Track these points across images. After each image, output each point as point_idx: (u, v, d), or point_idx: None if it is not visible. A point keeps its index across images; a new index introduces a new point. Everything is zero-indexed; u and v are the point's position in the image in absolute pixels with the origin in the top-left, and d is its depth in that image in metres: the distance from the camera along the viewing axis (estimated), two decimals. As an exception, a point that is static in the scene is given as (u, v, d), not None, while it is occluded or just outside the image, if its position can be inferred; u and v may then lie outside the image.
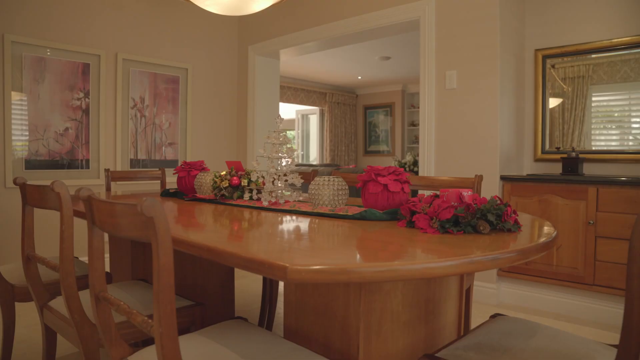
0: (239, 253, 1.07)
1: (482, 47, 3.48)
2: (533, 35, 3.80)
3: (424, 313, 1.62)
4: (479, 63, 3.51)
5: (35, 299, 1.86)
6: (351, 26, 4.30)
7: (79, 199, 1.30)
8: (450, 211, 1.44)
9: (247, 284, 3.99)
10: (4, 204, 3.91)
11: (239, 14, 2.68)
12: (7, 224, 3.91)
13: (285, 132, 2.06)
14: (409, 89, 10.65)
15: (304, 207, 1.92)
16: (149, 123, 4.79)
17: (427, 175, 3.53)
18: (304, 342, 1.55)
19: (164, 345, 1.00)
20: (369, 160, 11.13)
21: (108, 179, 3.30)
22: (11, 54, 3.91)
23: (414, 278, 1.06)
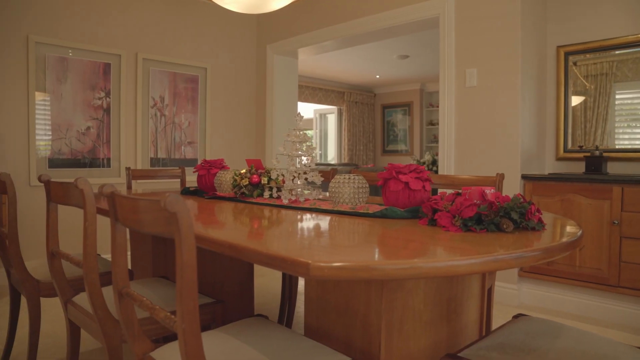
0: (261, 250, 1.07)
1: (503, 44, 3.44)
2: (555, 31, 3.74)
3: (446, 312, 1.60)
4: (500, 60, 3.46)
5: (59, 295, 1.89)
6: (369, 24, 4.29)
7: (102, 195, 1.31)
8: (473, 209, 1.43)
9: (265, 282, 4.01)
10: (28, 202, 3.98)
11: (258, 12, 2.68)
12: (32, 221, 3.98)
13: (305, 130, 2.06)
14: (428, 88, 10.58)
15: (324, 205, 1.92)
16: (169, 122, 4.84)
17: (447, 174, 3.50)
18: (325, 340, 1.55)
19: (187, 341, 1.01)
20: (387, 160, 11.08)
21: (129, 177, 3.33)
22: (35, 54, 3.98)
23: (437, 276, 1.05)
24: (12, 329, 2.39)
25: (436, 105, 10.46)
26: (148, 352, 1.35)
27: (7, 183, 2.10)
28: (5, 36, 3.85)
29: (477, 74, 3.60)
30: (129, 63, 4.55)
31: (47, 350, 2.56)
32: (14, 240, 2.14)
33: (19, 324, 2.50)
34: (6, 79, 3.86)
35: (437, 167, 7.81)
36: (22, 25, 3.93)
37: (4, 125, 3.86)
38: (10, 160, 3.90)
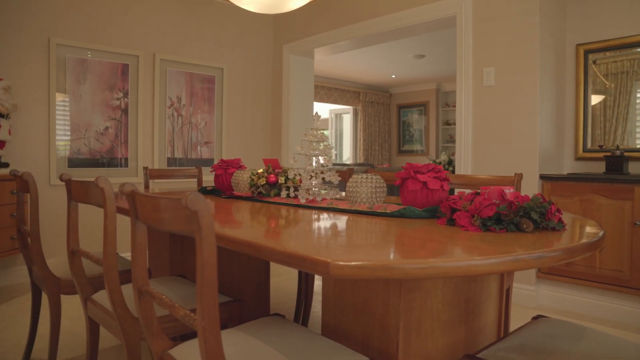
0: (281, 248, 1.07)
1: (521, 42, 3.40)
2: (574, 29, 3.69)
3: (464, 312, 1.59)
4: (518, 59, 3.43)
5: (79, 292, 1.91)
6: (385, 24, 4.27)
7: (123, 194, 1.32)
8: (492, 209, 1.41)
9: (281, 282, 4.01)
10: (49, 201, 4.04)
11: (276, 12, 2.69)
12: (52, 219, 4.05)
13: (322, 130, 2.06)
14: (444, 88, 10.51)
15: (342, 204, 1.92)
16: (186, 122, 4.88)
17: (465, 174, 3.47)
18: (342, 339, 1.55)
19: (206, 339, 1.01)
20: (403, 160, 11.03)
21: (146, 177, 3.37)
22: (56, 56, 4.04)
23: (457, 275, 1.05)
24: (34, 325, 2.43)
25: (452, 105, 10.39)
26: (167, 349, 1.36)
27: (30, 182, 2.13)
28: (28, 39, 3.91)
29: (494, 73, 3.57)
30: (146, 64, 4.59)
31: (67, 346, 2.59)
32: (35, 239, 2.17)
33: (40, 321, 2.54)
34: (29, 81, 3.93)
35: (453, 167, 7.75)
36: (44, 27, 3.99)
37: (26, 126, 3.93)
38: (32, 160, 3.97)
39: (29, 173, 2.16)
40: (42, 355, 2.49)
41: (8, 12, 3.82)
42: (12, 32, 3.85)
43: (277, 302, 3.43)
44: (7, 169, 3.63)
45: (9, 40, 3.83)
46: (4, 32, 3.80)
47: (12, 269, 3.90)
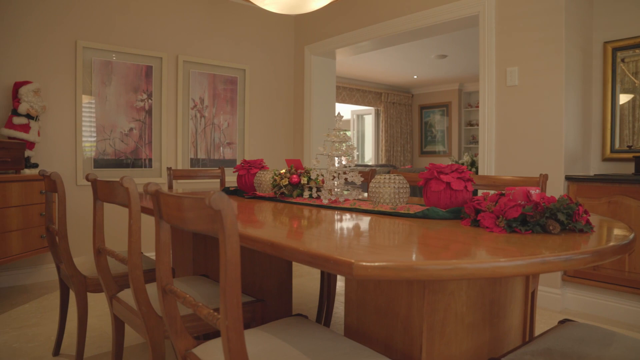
0: (304, 249, 1.07)
1: (546, 41, 3.34)
2: (602, 26, 3.61)
3: (489, 315, 1.56)
4: (543, 58, 3.37)
5: (105, 290, 1.94)
6: (407, 24, 4.25)
7: (147, 193, 1.34)
8: (517, 210, 1.39)
9: (303, 282, 4.02)
10: (76, 201, 4.12)
11: (297, 13, 2.69)
12: (79, 219, 4.12)
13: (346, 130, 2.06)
14: (466, 88, 10.41)
15: (365, 205, 1.91)
16: (208, 123, 4.92)
17: (488, 175, 3.43)
18: (365, 341, 1.54)
19: (230, 338, 1.02)
20: (425, 161, 10.95)
21: (170, 177, 3.41)
22: (82, 59, 4.12)
23: (482, 277, 1.03)
24: (62, 321, 2.49)
25: (475, 106, 10.28)
26: (190, 348, 1.37)
27: (58, 182, 2.18)
28: (56, 42, 4.00)
29: (518, 73, 3.51)
30: (170, 65, 4.65)
31: (94, 343, 2.64)
32: (63, 237, 2.21)
33: (67, 317, 2.59)
34: (56, 83, 4.02)
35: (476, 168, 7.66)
36: (71, 31, 4.08)
37: (54, 128, 4.01)
38: (59, 161, 4.05)
39: (57, 173, 2.20)
40: (70, 351, 2.54)
41: (37, 17, 3.91)
42: (41, 36, 3.94)
43: (299, 303, 3.43)
44: (36, 169, 3.71)
45: (38, 44, 3.92)
46: (33, 37, 3.89)
47: (42, 266, 3.98)
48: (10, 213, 3.21)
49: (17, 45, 3.83)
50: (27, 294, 3.60)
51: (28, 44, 3.88)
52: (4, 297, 3.52)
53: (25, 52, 3.87)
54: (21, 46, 3.85)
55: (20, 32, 3.84)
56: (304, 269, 4.48)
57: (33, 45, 3.91)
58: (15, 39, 3.82)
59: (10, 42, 3.80)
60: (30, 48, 3.89)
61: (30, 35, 3.89)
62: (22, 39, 3.85)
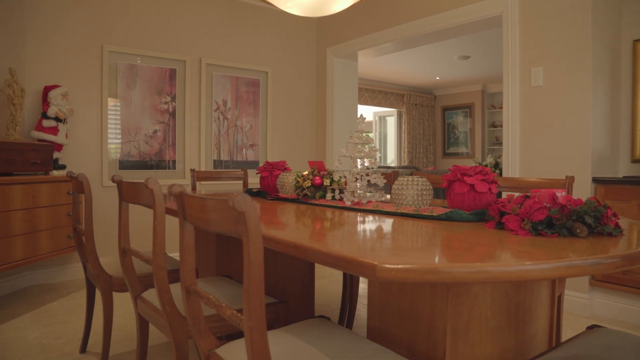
0: (327, 250, 1.07)
1: (572, 40, 3.28)
2: (630, 24, 3.52)
3: (514, 319, 1.54)
4: (568, 58, 3.31)
5: (130, 290, 1.97)
6: (430, 25, 4.22)
7: (172, 194, 1.36)
8: (543, 212, 1.37)
9: (325, 284, 4.02)
10: (101, 202, 4.20)
11: (319, 15, 2.70)
12: (104, 219, 4.20)
13: (368, 132, 2.05)
14: (490, 89, 10.28)
15: (387, 207, 1.90)
16: (231, 125, 4.96)
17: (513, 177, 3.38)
18: (388, 343, 1.53)
19: (253, 338, 1.02)
20: (448, 163, 10.85)
21: (193, 178, 3.44)
22: (108, 63, 4.20)
23: (507, 281, 1.02)
24: (89, 320, 2.54)
25: (499, 107, 10.15)
26: (213, 348, 1.38)
27: (84, 184, 2.22)
28: (83, 47, 4.09)
29: (542, 73, 3.46)
30: (193, 68, 4.71)
31: (119, 342, 2.68)
32: (90, 237, 2.26)
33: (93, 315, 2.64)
34: (83, 87, 4.10)
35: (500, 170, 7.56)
36: (97, 36, 4.16)
37: (81, 130, 4.10)
38: (85, 162, 4.13)
39: (84, 175, 2.25)
40: (96, 349, 2.58)
41: (66, 23, 4.00)
42: (69, 41, 4.02)
43: (321, 305, 3.43)
44: (64, 170, 3.79)
45: (66, 49, 4.01)
46: (61, 42, 3.99)
47: (69, 265, 4.07)
48: (40, 213, 3.28)
49: (47, 50, 3.93)
50: (55, 292, 3.68)
51: (57, 49, 3.98)
52: (34, 294, 3.60)
53: (55, 57, 3.97)
54: (50, 51, 3.95)
55: (49, 38, 3.94)
56: (326, 271, 4.48)
57: (62, 50, 4.00)
58: (45, 44, 3.91)
59: (40, 47, 3.89)
60: (59, 53, 3.98)
61: (59, 41, 3.98)
62: (51, 45, 3.95)
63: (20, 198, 3.13)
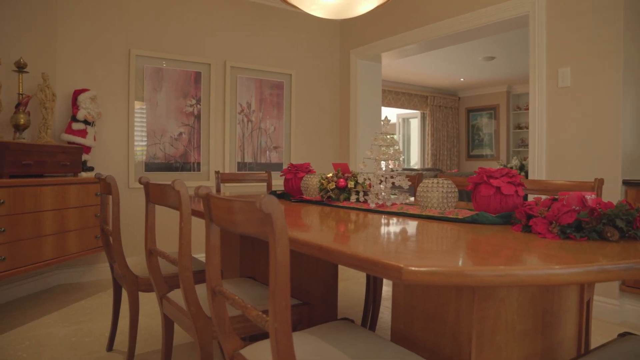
0: (353, 252, 1.07)
1: (601, 39, 3.22)
2: (663, 25, 3.44)
3: (541, 325, 1.51)
4: (597, 58, 3.24)
5: (156, 290, 2.00)
6: (454, 26, 4.18)
7: (198, 196, 1.37)
8: (572, 215, 1.34)
9: (348, 286, 4.01)
10: (128, 203, 4.27)
11: (343, 17, 2.70)
12: (130, 220, 4.27)
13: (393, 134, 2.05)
14: (515, 90, 10.14)
15: (412, 209, 1.89)
16: (255, 127, 5.00)
17: (539, 179, 3.32)
18: (412, 346, 1.52)
19: (278, 340, 1.03)
20: (472, 165, 10.73)
21: (218, 180, 3.48)
22: (135, 66, 4.28)
23: (535, 285, 1.00)
24: (115, 319, 2.58)
25: (524, 108, 10.00)
26: (238, 349, 1.39)
27: (112, 185, 2.26)
28: (111, 51, 4.18)
29: (570, 74, 3.39)
30: (218, 71, 4.76)
31: (144, 341, 2.72)
32: (117, 238, 2.30)
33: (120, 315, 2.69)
34: (111, 90, 4.19)
35: (525, 172, 7.45)
36: (125, 40, 4.24)
37: (108, 133, 4.18)
38: (113, 164, 4.21)
39: (112, 176, 2.29)
40: (122, 347, 2.63)
41: (94, 28, 4.09)
42: (98, 46, 4.11)
43: (345, 307, 3.43)
44: (92, 172, 3.87)
45: (95, 54, 4.10)
46: (91, 47, 4.08)
47: (96, 265, 4.15)
48: (69, 214, 3.36)
49: (77, 55, 4.02)
50: (82, 291, 3.76)
51: (86, 54, 4.07)
52: (63, 293, 3.68)
53: (84, 61, 4.06)
54: (80, 56, 4.04)
55: (79, 43, 4.03)
56: (349, 273, 4.48)
57: (91, 55, 4.09)
58: (75, 49, 4.01)
59: (70, 52, 3.99)
60: (88, 58, 4.08)
61: (89, 46, 4.07)
62: (81, 50, 4.04)
63: (50, 199, 3.21)
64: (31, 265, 3.06)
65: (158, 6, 4.42)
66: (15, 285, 3.55)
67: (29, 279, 3.68)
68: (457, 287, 1.37)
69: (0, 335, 2.81)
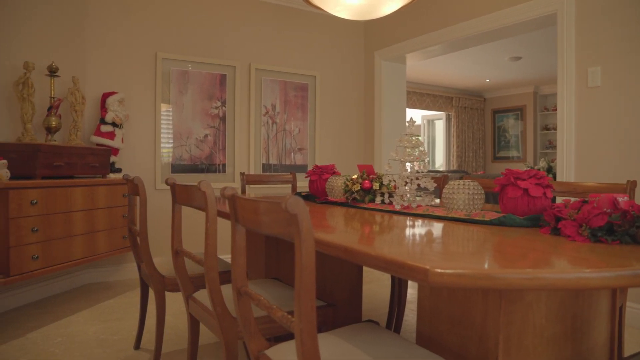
0: (378, 254, 1.07)
1: (633, 37, 3.13)
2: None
3: (571, 330, 1.48)
4: (629, 56, 3.16)
5: (182, 290, 2.03)
6: (479, 26, 4.13)
7: (224, 197, 1.39)
8: (603, 218, 1.31)
9: (372, 288, 4.00)
10: (155, 204, 4.34)
11: (368, 18, 2.70)
12: (156, 221, 4.34)
13: (418, 135, 2.03)
14: (542, 91, 9.96)
15: (438, 211, 1.87)
16: (280, 129, 5.03)
17: (568, 181, 3.26)
18: (438, 349, 1.51)
19: (304, 341, 1.03)
20: (498, 167, 10.58)
21: (243, 182, 3.51)
22: (162, 69, 4.35)
23: (565, 288, 0.98)
24: (142, 317, 2.63)
25: (552, 109, 9.82)
26: (263, 350, 1.40)
27: (140, 186, 2.30)
28: (139, 55, 4.25)
29: (600, 73, 3.32)
30: (242, 73, 4.80)
31: (170, 340, 2.76)
32: (144, 238, 2.34)
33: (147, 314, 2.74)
34: (138, 93, 4.27)
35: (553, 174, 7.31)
36: (151, 44, 4.32)
37: (136, 135, 4.26)
38: (139, 166, 4.29)
39: (139, 178, 2.33)
40: (149, 346, 2.67)
41: (122, 32, 4.17)
42: (125, 50, 4.20)
43: (369, 309, 3.41)
44: (119, 173, 3.95)
45: (123, 57, 4.19)
46: (119, 51, 4.16)
47: (123, 265, 4.23)
48: (98, 214, 3.43)
49: (105, 59, 4.11)
50: (111, 290, 3.83)
51: (114, 57, 4.15)
52: (92, 292, 3.76)
53: (112, 65, 4.14)
54: (109, 60, 4.13)
55: (108, 47, 4.12)
56: (373, 275, 4.46)
57: (119, 58, 4.17)
58: (103, 53, 4.10)
59: (99, 56, 4.08)
60: (116, 61, 4.16)
61: (117, 50, 4.16)
62: (109, 54, 4.13)
63: (80, 200, 3.28)
64: (62, 264, 3.13)
65: (184, 10, 4.49)
66: (47, 284, 3.64)
67: (59, 277, 3.77)
68: (484, 289, 1.35)
69: (35, 331, 2.89)
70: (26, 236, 2.86)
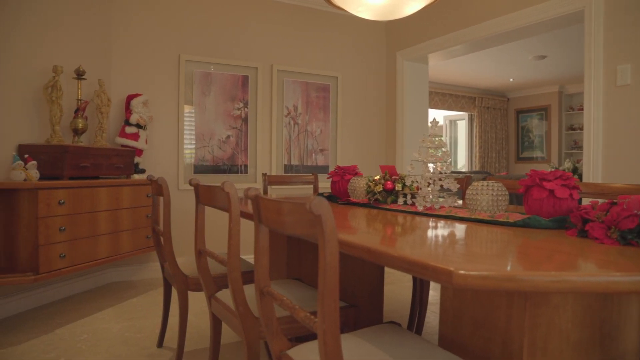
0: (401, 255, 1.06)
1: (665, 36, 3.06)
2: None
3: (599, 335, 1.45)
4: (660, 55, 3.08)
5: (204, 290, 2.05)
6: (503, 25, 4.08)
7: (248, 198, 1.40)
8: (634, 220, 1.28)
9: (393, 290, 3.98)
10: (178, 204, 4.40)
11: (390, 19, 2.69)
12: (179, 221, 4.39)
13: (441, 136, 2.02)
14: (567, 90, 9.79)
15: (461, 212, 1.86)
16: (302, 130, 5.04)
17: (595, 182, 3.19)
18: (460, 352, 1.49)
19: (326, 341, 1.03)
20: (521, 167, 10.43)
21: (265, 182, 3.52)
22: (185, 71, 4.40)
23: (594, 292, 0.96)
24: (165, 316, 2.66)
25: (577, 108, 9.64)
26: (285, 350, 1.41)
27: (163, 187, 2.33)
28: (162, 57, 4.31)
29: (630, 71, 3.24)
30: (264, 75, 4.83)
31: (192, 339, 2.79)
32: (167, 238, 2.37)
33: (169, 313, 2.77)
34: (162, 95, 4.32)
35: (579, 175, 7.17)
36: (174, 46, 4.37)
37: (159, 136, 4.32)
38: (163, 167, 4.34)
39: (163, 178, 2.36)
40: (172, 344, 2.70)
41: (146, 35, 4.24)
42: (149, 52, 4.26)
43: (390, 310, 3.40)
44: (143, 174, 4.01)
45: (147, 60, 4.25)
46: (143, 53, 4.22)
47: (147, 264, 4.29)
48: (122, 214, 3.49)
49: (130, 61, 4.18)
50: (134, 289, 3.89)
51: (139, 60, 4.22)
52: (116, 290, 3.82)
53: (137, 67, 4.21)
54: (133, 62, 4.20)
55: (132, 50, 4.18)
56: (394, 277, 4.44)
57: (143, 60, 4.24)
58: (128, 56, 4.16)
59: (124, 59, 4.15)
60: (140, 63, 4.23)
61: (141, 52, 4.22)
62: (134, 56, 4.19)
63: (105, 200, 3.34)
64: (88, 262, 3.19)
65: (206, 12, 4.53)
66: (73, 282, 3.71)
67: (85, 275, 3.84)
68: (508, 292, 1.33)
69: (62, 327, 2.96)
70: (54, 235, 2.92)
